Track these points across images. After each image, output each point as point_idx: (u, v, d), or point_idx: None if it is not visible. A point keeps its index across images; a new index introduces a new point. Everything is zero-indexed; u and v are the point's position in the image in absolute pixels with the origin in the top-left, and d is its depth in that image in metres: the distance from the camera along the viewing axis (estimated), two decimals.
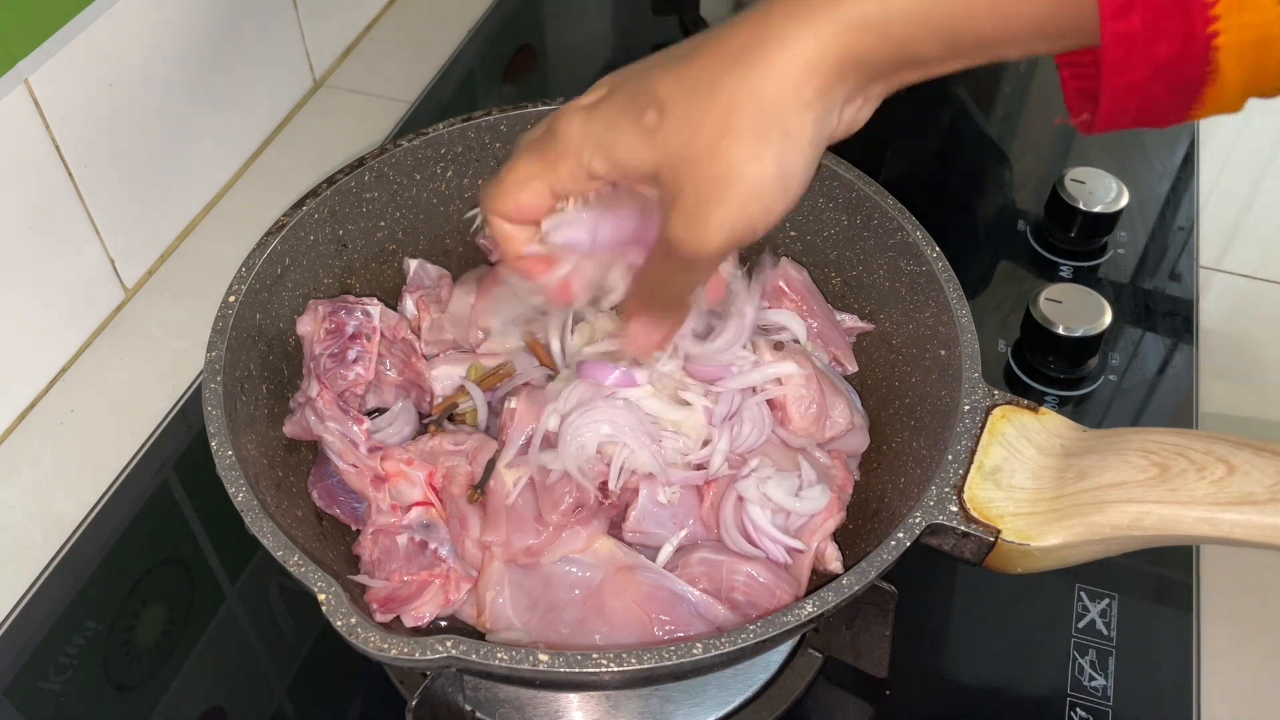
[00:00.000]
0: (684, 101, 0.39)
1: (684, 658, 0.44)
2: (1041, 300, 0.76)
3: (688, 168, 0.39)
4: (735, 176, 0.39)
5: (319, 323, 0.60)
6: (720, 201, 0.39)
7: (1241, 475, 0.47)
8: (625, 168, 0.41)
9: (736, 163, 0.39)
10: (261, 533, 0.48)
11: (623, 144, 0.41)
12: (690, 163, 0.39)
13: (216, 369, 0.54)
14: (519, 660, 0.44)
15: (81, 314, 0.78)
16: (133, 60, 0.76)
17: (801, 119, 0.39)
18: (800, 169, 0.40)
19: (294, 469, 0.59)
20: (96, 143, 0.75)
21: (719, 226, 0.40)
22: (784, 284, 0.65)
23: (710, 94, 0.39)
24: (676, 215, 0.40)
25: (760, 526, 0.55)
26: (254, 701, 0.62)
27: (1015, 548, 0.50)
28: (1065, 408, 0.76)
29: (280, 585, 0.67)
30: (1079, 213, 0.84)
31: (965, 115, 1.02)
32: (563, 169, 0.43)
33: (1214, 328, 0.82)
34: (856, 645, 0.58)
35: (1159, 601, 0.66)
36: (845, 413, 0.60)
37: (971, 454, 0.52)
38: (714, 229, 0.40)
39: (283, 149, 0.95)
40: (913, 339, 0.61)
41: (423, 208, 0.68)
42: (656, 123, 0.39)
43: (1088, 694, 0.61)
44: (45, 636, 0.64)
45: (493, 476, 0.57)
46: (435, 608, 0.55)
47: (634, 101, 0.40)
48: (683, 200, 0.40)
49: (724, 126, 0.38)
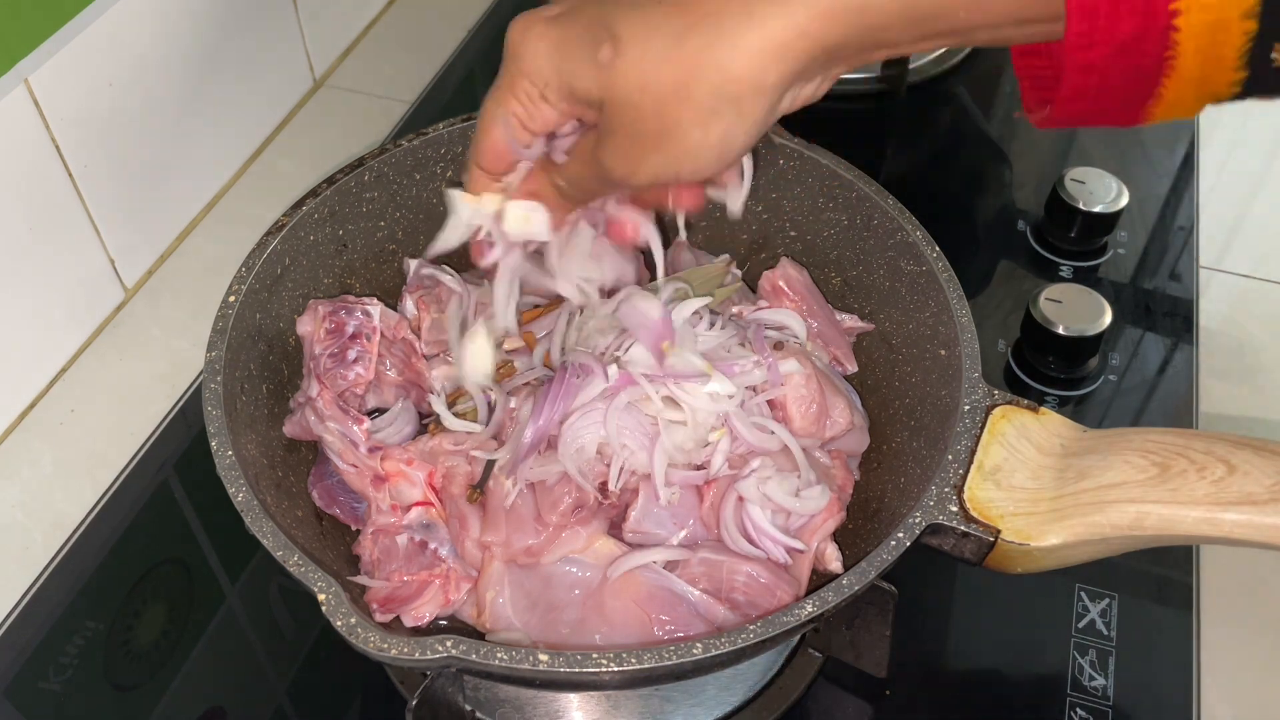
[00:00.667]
0: (641, 45, 0.39)
1: (684, 658, 0.44)
2: (1041, 300, 0.76)
3: (632, 113, 0.40)
4: (678, 137, 0.40)
5: (319, 323, 0.60)
6: (656, 151, 0.41)
7: (1242, 475, 0.47)
8: (575, 94, 0.42)
9: (682, 125, 0.40)
10: (261, 533, 0.48)
11: (576, 71, 0.41)
12: (637, 109, 0.40)
13: (216, 369, 0.54)
14: (519, 660, 0.44)
15: (81, 314, 0.78)
16: (133, 60, 0.76)
17: (757, 101, 0.39)
18: (741, 145, 0.41)
19: (294, 469, 0.59)
20: (96, 143, 0.75)
21: (647, 170, 0.42)
22: (784, 284, 0.65)
23: (672, 49, 0.39)
24: (612, 147, 0.42)
25: (760, 526, 0.55)
26: (254, 701, 0.62)
27: (1015, 548, 0.50)
28: (1065, 408, 0.76)
29: (280, 585, 0.67)
30: (1079, 213, 0.84)
31: (965, 115, 1.02)
32: (519, 86, 0.43)
33: (1214, 328, 0.82)
34: (856, 645, 0.58)
35: (1159, 601, 0.66)
36: (845, 412, 0.60)
37: (971, 454, 0.52)
38: (642, 172, 0.42)
39: (283, 149, 0.95)
40: (913, 339, 0.61)
41: (423, 208, 0.68)
42: (610, 59, 0.40)
43: (1088, 694, 0.61)
44: (45, 636, 0.64)
45: (492, 477, 0.57)
46: (435, 608, 0.55)
47: (591, 30, 0.41)
48: (619, 138, 0.41)
49: (678, 88, 0.39)
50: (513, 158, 0.47)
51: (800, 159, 0.66)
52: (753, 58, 0.38)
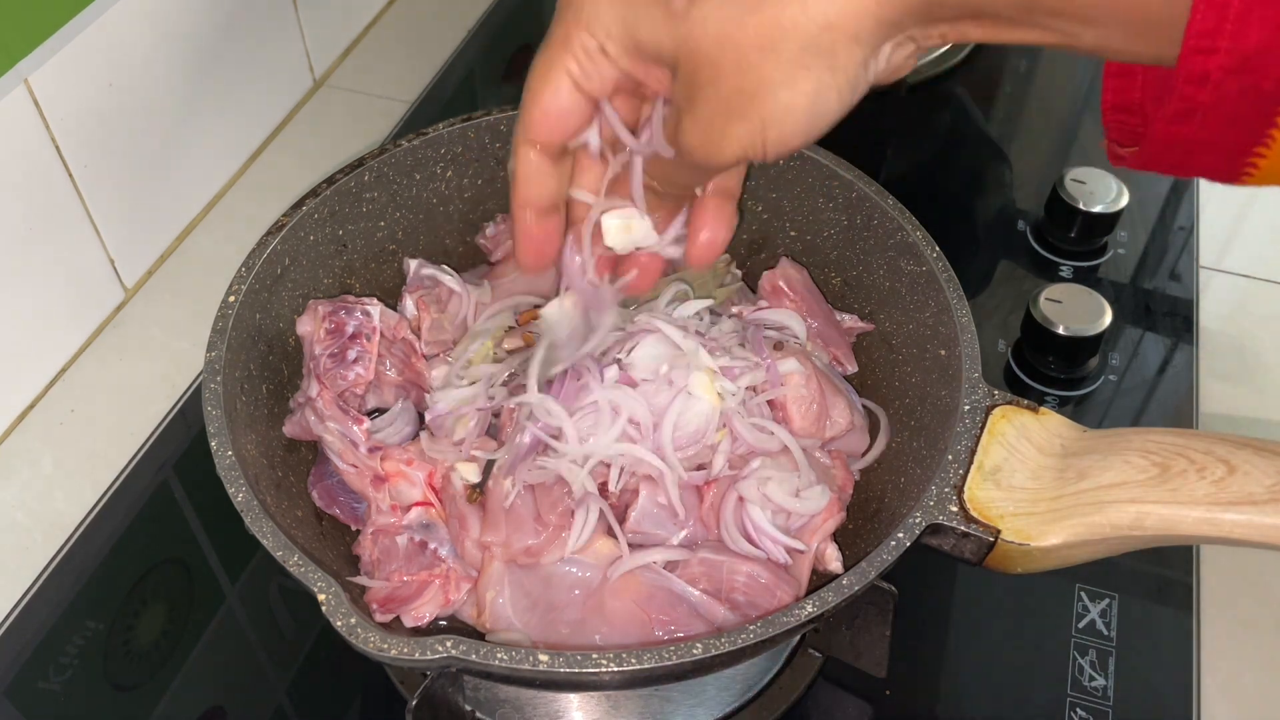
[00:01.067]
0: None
1: (684, 658, 0.44)
2: (1041, 300, 0.76)
3: (712, 71, 0.36)
4: (764, 97, 0.35)
5: (319, 323, 0.60)
6: (741, 118, 0.36)
7: (1242, 475, 0.47)
8: (642, 48, 0.37)
9: (770, 83, 0.35)
10: (261, 533, 0.48)
11: (644, 20, 0.37)
12: (716, 66, 0.35)
13: (216, 369, 0.54)
14: (519, 660, 0.44)
15: (81, 314, 0.78)
16: (133, 60, 0.76)
17: (851, 55, 0.35)
18: (834, 109, 0.36)
19: (294, 469, 0.59)
20: (96, 143, 0.75)
21: (734, 141, 0.37)
22: (784, 284, 0.65)
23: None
24: (691, 121, 0.37)
25: (761, 527, 0.55)
26: (254, 701, 0.62)
27: (1015, 548, 0.49)
28: (1065, 408, 0.76)
29: (280, 585, 0.67)
30: (1079, 213, 0.84)
31: (965, 115, 1.02)
32: (576, 41, 0.38)
33: (1214, 328, 0.82)
34: (856, 645, 0.58)
35: (1159, 601, 0.66)
36: (845, 412, 0.60)
37: (971, 454, 0.52)
38: (728, 144, 0.37)
39: (283, 149, 0.95)
40: (913, 339, 0.61)
41: (423, 208, 0.68)
42: (685, 7, 0.35)
43: (1088, 694, 0.61)
44: (45, 636, 0.64)
45: (492, 477, 0.57)
46: (435, 608, 0.55)
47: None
48: (701, 106, 0.37)
49: (765, 40, 0.34)
50: (568, 127, 0.41)
51: (800, 159, 0.66)
52: (848, 4, 0.33)
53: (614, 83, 0.40)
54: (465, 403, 0.60)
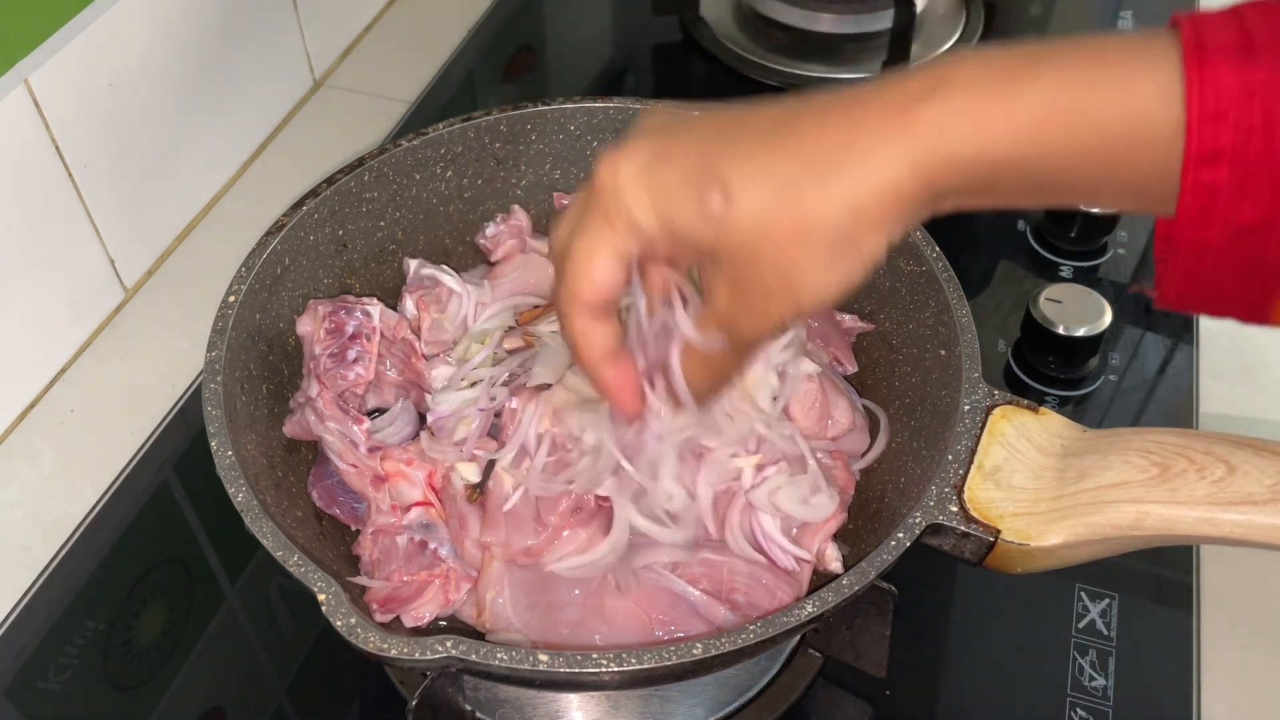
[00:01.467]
0: (754, 193, 0.38)
1: (684, 658, 0.44)
2: (1041, 300, 0.76)
3: (752, 262, 0.39)
4: (799, 282, 0.39)
5: (319, 323, 0.60)
6: (779, 296, 0.40)
7: (1242, 475, 0.47)
8: (681, 241, 0.40)
9: (803, 268, 0.39)
10: (261, 533, 0.48)
11: (682, 219, 0.40)
12: (755, 259, 0.39)
13: (216, 369, 0.54)
14: (519, 660, 0.44)
15: (81, 314, 0.78)
16: (132, 60, 0.76)
17: (876, 239, 0.38)
18: (859, 277, 0.40)
19: (294, 469, 0.59)
20: (96, 143, 0.75)
21: (773, 316, 0.41)
22: None
23: (786, 197, 0.38)
24: (741, 305, 0.41)
25: (770, 535, 0.55)
26: (254, 701, 0.62)
27: (1015, 548, 0.50)
28: (1065, 408, 0.76)
29: (280, 585, 0.67)
30: (1079, 212, 0.84)
31: None
32: (619, 223, 0.41)
33: (1214, 328, 0.81)
34: (856, 645, 0.58)
35: (1159, 601, 0.66)
36: (847, 412, 0.60)
37: (971, 454, 0.52)
38: (769, 320, 0.41)
39: (283, 149, 0.95)
40: (913, 339, 0.61)
41: (423, 208, 0.68)
42: (722, 210, 0.38)
43: (1088, 694, 0.61)
44: (45, 636, 0.64)
45: (492, 477, 0.57)
46: (435, 608, 0.55)
47: (697, 178, 0.39)
48: (743, 293, 0.40)
49: (799, 235, 0.38)
50: (616, 291, 0.44)
51: None
52: (872, 200, 0.37)
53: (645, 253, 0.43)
54: (467, 404, 0.60)
